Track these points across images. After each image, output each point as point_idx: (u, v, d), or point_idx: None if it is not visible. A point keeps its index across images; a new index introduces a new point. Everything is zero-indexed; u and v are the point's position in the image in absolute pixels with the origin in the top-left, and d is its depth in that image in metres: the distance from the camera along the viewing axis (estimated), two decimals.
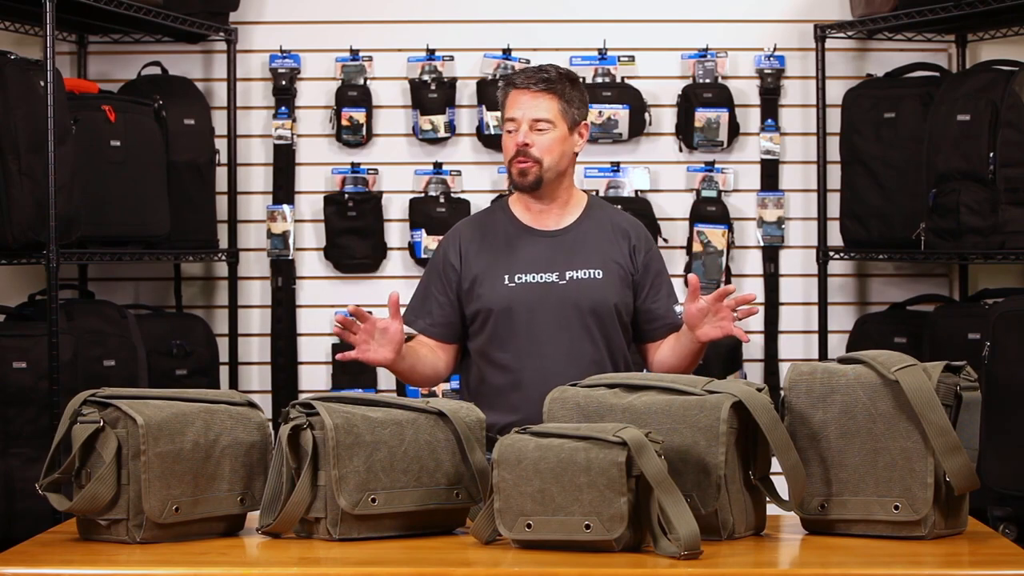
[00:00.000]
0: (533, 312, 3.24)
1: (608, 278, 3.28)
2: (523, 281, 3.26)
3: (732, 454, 2.48)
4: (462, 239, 3.34)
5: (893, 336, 4.76)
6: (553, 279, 3.26)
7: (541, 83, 3.25)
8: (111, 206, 4.46)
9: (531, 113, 3.24)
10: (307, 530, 2.56)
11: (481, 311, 3.28)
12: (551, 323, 3.25)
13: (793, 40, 5.09)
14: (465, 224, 3.41)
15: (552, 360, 3.23)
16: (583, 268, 3.28)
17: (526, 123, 3.24)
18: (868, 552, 2.42)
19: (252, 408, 2.69)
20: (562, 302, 3.25)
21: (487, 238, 3.32)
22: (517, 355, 3.25)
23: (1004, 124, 4.32)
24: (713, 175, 5.05)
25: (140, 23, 4.71)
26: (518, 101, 3.26)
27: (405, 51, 5.07)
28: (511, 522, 2.43)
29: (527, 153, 3.24)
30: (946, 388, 2.48)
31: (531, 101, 3.25)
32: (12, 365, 4.03)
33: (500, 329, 3.26)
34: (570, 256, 3.28)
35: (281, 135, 5.07)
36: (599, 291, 3.26)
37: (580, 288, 3.26)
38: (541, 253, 3.28)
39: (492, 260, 3.29)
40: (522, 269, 3.27)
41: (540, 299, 3.25)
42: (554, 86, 3.26)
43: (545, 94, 3.25)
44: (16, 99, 4.02)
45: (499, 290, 3.26)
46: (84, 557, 2.44)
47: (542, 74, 3.27)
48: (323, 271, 5.10)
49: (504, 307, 3.25)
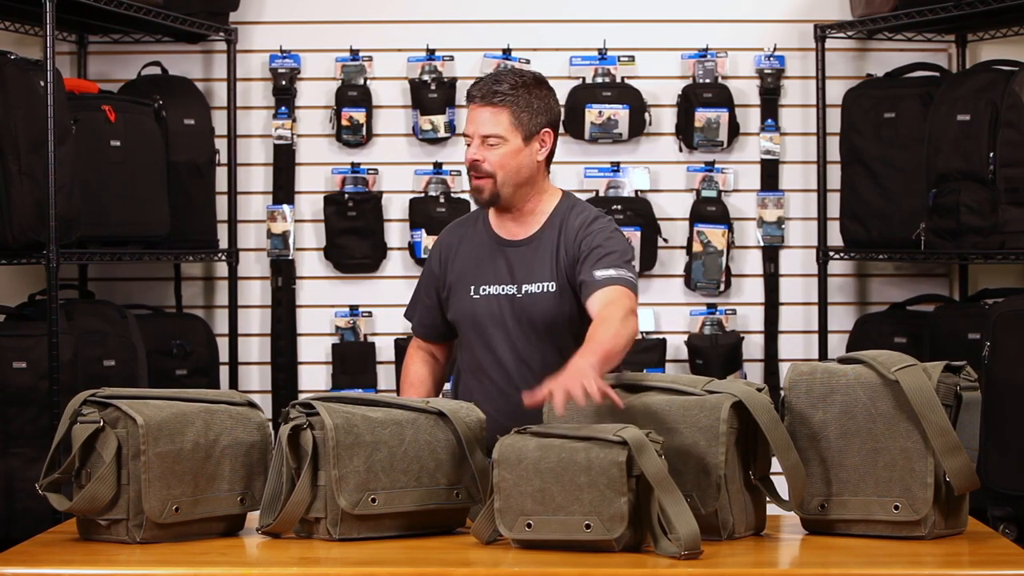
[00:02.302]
0: (494, 324, 3.23)
1: (560, 290, 3.21)
2: (486, 293, 3.23)
3: (732, 454, 2.48)
4: (443, 245, 3.34)
5: (893, 336, 4.76)
6: (512, 291, 3.23)
7: (490, 96, 3.17)
8: (111, 206, 4.46)
9: (481, 128, 3.18)
10: (307, 530, 2.56)
11: (454, 321, 3.29)
12: (509, 335, 3.22)
13: (793, 40, 5.09)
14: (449, 230, 3.40)
15: (514, 371, 3.21)
16: (537, 281, 3.22)
17: (478, 138, 3.18)
18: (868, 552, 2.42)
19: (252, 408, 2.69)
20: (518, 316, 3.22)
21: (464, 246, 3.30)
22: (484, 365, 3.24)
23: (1004, 124, 4.32)
24: (713, 175, 5.05)
25: (140, 23, 4.71)
26: (471, 116, 3.20)
27: (405, 51, 5.07)
28: (511, 522, 2.43)
29: (479, 169, 3.19)
30: (946, 388, 2.48)
31: (482, 115, 3.18)
32: (12, 365, 4.03)
33: (469, 339, 3.26)
34: (528, 269, 3.23)
35: (281, 135, 5.06)
36: (551, 305, 3.21)
37: (534, 302, 3.21)
38: (504, 264, 3.24)
39: (463, 270, 3.27)
40: (487, 281, 3.24)
41: (499, 312, 3.22)
42: (505, 98, 3.16)
43: (494, 107, 3.16)
44: (16, 99, 4.02)
45: (465, 302, 3.25)
46: (84, 557, 2.44)
47: (494, 85, 3.18)
48: (323, 271, 5.10)
49: (470, 319, 3.24)
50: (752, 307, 5.10)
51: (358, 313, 5.05)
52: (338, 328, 5.05)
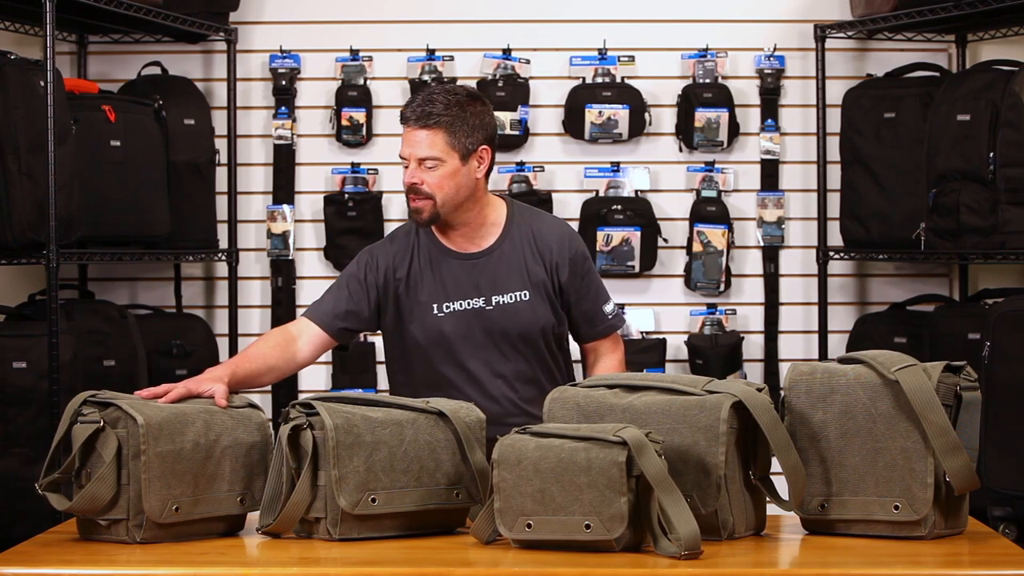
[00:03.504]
0: (464, 340, 3.21)
1: (534, 299, 3.22)
2: (451, 310, 3.21)
3: (732, 454, 2.48)
4: (390, 255, 3.25)
5: (893, 336, 4.75)
6: (480, 305, 3.21)
7: (425, 118, 3.14)
8: (111, 206, 4.46)
9: (417, 151, 3.14)
10: (307, 530, 2.56)
11: (413, 339, 3.22)
12: (482, 350, 3.21)
13: (793, 40, 5.09)
14: (394, 238, 3.31)
15: (489, 384, 3.21)
16: (508, 292, 3.22)
17: (414, 161, 3.15)
18: (868, 552, 2.42)
19: (252, 408, 2.69)
20: (490, 329, 3.21)
21: (415, 259, 3.25)
22: (455, 381, 3.22)
23: (1004, 124, 4.32)
24: (713, 175, 5.05)
25: (140, 23, 4.71)
26: (406, 138, 3.17)
27: (405, 51, 5.07)
28: (511, 522, 2.43)
29: (418, 191, 3.16)
30: (946, 388, 2.48)
31: (416, 138, 3.15)
32: (12, 365, 4.02)
33: (434, 357, 3.23)
34: (494, 280, 3.22)
35: (281, 135, 5.06)
36: (525, 315, 3.22)
37: (506, 313, 3.21)
38: (465, 278, 3.22)
39: (417, 287, 3.23)
40: (449, 297, 3.21)
41: (469, 326, 3.21)
42: (438, 120, 3.13)
43: (429, 129, 3.14)
44: (16, 99, 4.02)
45: (429, 320, 3.21)
46: (84, 557, 2.44)
47: (427, 107, 3.14)
48: (323, 271, 5.10)
49: (435, 336, 3.21)
50: (752, 307, 5.10)
51: None
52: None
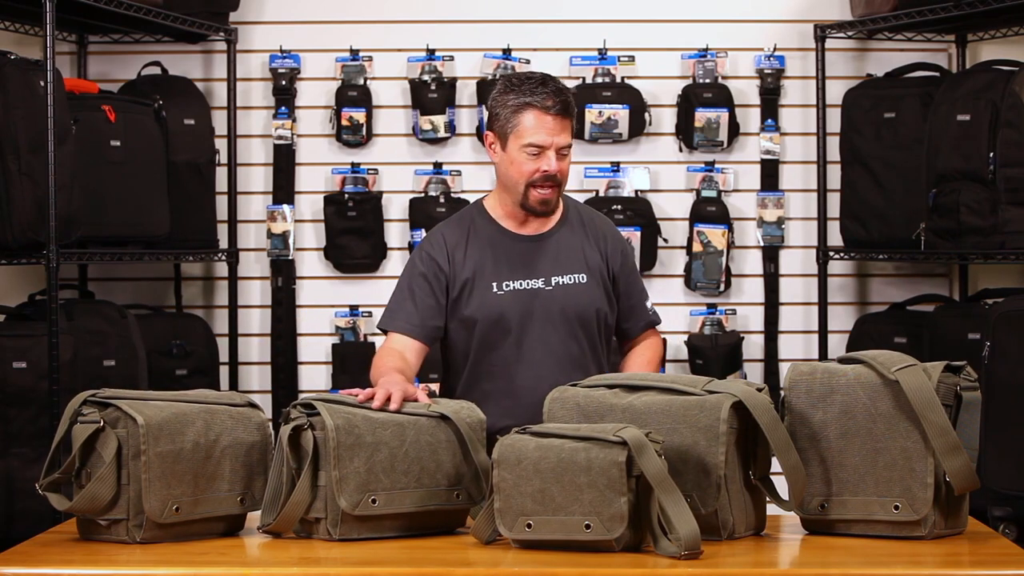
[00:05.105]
0: (523, 319, 3.22)
1: (591, 282, 3.26)
2: (511, 288, 3.23)
3: (732, 454, 2.48)
4: (447, 244, 3.26)
5: (893, 336, 4.75)
6: (539, 285, 3.23)
7: (567, 108, 3.14)
8: (111, 206, 4.46)
9: (559, 140, 3.13)
10: (307, 530, 2.56)
11: (470, 318, 3.23)
12: (540, 329, 3.23)
13: (793, 40, 5.09)
14: (447, 227, 3.32)
15: (542, 365, 3.21)
16: (568, 273, 3.24)
17: (554, 151, 3.14)
18: (868, 552, 2.42)
19: (252, 408, 2.69)
20: (549, 308, 3.22)
21: (472, 243, 3.27)
22: (508, 360, 3.23)
23: (1004, 124, 4.32)
24: (713, 175, 5.05)
25: (140, 23, 4.70)
26: (544, 125, 3.12)
27: (405, 51, 5.07)
28: (511, 522, 2.43)
29: (555, 179, 3.16)
30: (946, 388, 2.48)
31: (561, 127, 3.13)
32: (12, 365, 4.03)
33: (491, 336, 3.23)
34: (554, 261, 3.25)
35: (281, 135, 5.06)
36: (584, 296, 3.25)
37: (567, 294, 3.23)
38: (526, 258, 3.25)
39: (479, 266, 3.24)
40: (509, 276, 3.23)
41: (528, 306, 3.22)
42: (572, 109, 3.17)
43: (570, 119, 3.16)
44: (16, 99, 4.02)
45: (489, 298, 3.22)
46: (84, 557, 2.45)
47: (563, 97, 3.14)
48: (323, 271, 5.10)
49: (495, 315, 3.22)
50: (752, 307, 5.10)
51: (358, 313, 5.05)
52: (338, 328, 5.05)
